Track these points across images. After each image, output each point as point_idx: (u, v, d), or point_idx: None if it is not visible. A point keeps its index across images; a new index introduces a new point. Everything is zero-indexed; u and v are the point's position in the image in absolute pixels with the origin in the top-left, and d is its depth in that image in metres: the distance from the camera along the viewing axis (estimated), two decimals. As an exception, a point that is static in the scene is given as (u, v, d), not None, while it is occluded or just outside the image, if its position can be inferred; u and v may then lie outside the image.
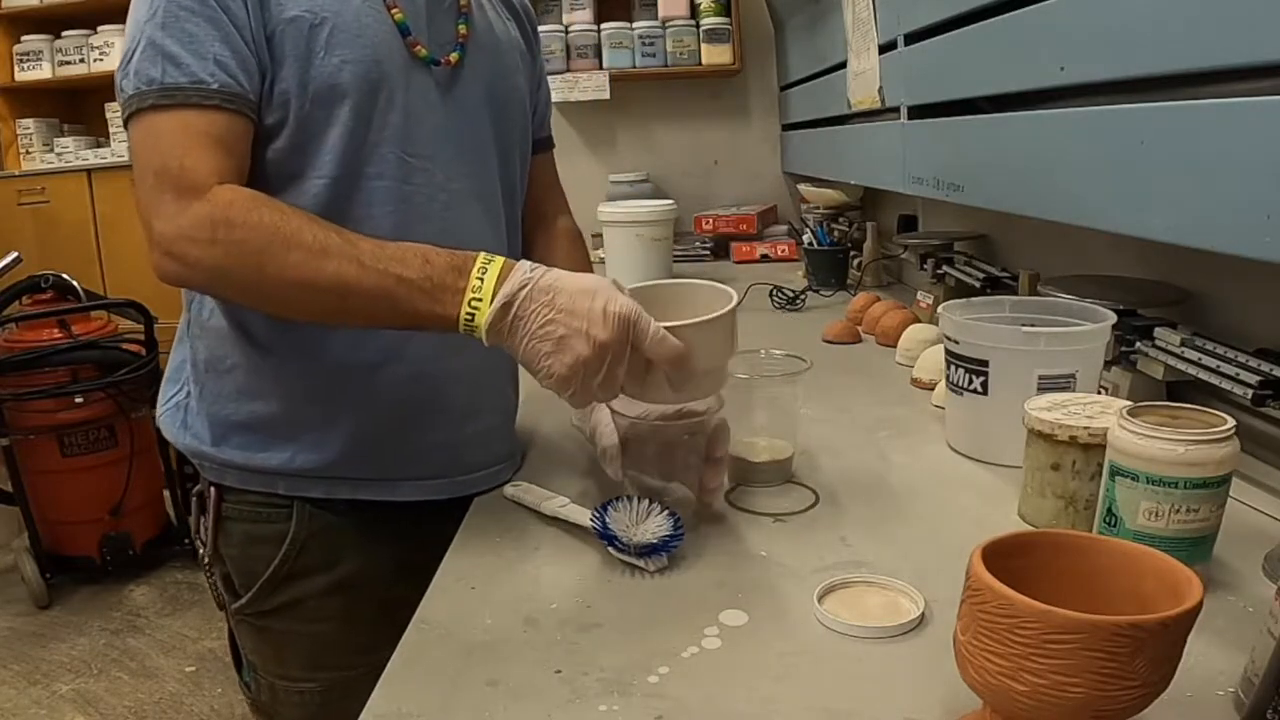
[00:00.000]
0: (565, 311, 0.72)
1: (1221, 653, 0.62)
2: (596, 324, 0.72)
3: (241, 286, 0.79)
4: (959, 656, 0.51)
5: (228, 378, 0.92)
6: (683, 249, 2.58)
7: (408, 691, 0.62)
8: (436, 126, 0.92)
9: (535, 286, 0.73)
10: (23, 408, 2.63)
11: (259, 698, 1.02)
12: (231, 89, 0.80)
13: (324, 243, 0.75)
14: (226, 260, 0.76)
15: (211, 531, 0.97)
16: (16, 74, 3.39)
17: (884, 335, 1.55)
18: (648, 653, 0.65)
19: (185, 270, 0.78)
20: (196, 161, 0.77)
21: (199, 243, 0.76)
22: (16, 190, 3.32)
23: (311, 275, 0.75)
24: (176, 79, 0.78)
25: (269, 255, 0.75)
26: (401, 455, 0.95)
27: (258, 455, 0.93)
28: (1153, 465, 0.66)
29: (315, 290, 0.76)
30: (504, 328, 0.74)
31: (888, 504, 0.90)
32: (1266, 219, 0.64)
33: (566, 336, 0.72)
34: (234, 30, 0.80)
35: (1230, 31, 0.68)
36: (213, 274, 0.78)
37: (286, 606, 0.96)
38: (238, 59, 0.80)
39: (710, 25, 2.71)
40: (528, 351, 0.74)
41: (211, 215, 0.76)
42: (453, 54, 0.94)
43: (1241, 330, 0.98)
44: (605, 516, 0.79)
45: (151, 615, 2.67)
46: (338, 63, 0.84)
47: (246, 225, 0.75)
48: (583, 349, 0.71)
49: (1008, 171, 1.10)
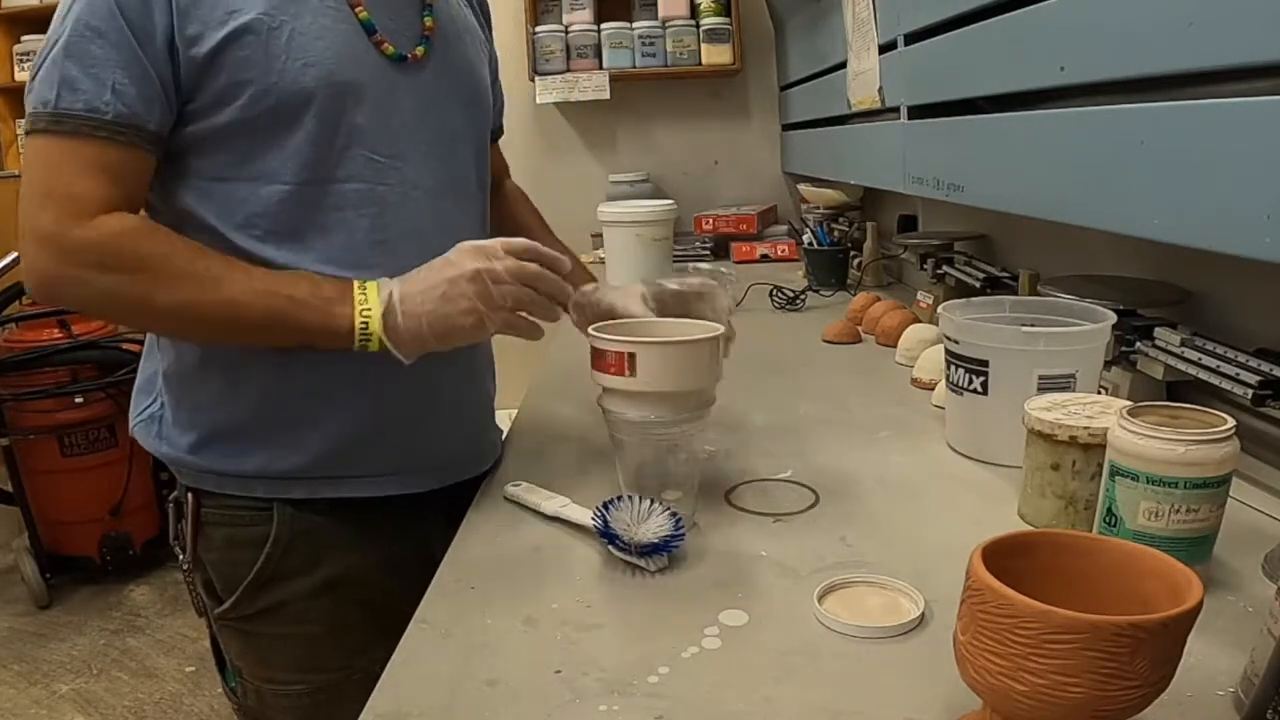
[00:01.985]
0: (433, 271, 0.84)
1: (1221, 653, 0.62)
2: (457, 264, 0.83)
3: (128, 313, 0.83)
4: (959, 656, 0.51)
5: (202, 387, 0.91)
6: (683, 249, 2.58)
7: (408, 691, 0.62)
8: (406, 124, 0.91)
9: (405, 279, 0.84)
10: (23, 408, 2.63)
11: (246, 702, 1.00)
12: (125, 119, 0.78)
13: (215, 272, 0.80)
14: (116, 288, 0.79)
15: (191, 537, 0.96)
16: (16, 74, 3.39)
17: (884, 335, 1.55)
18: (648, 653, 0.65)
19: (69, 296, 0.80)
20: (85, 189, 0.78)
21: (86, 270, 0.78)
22: (16, 190, 3.32)
23: (203, 301, 0.79)
24: (71, 105, 0.77)
25: (159, 285, 0.78)
26: (381, 452, 0.94)
27: (234, 460, 0.92)
28: (1153, 465, 0.66)
29: (206, 317, 0.81)
30: (396, 321, 0.82)
31: (888, 504, 0.90)
32: (1266, 219, 0.64)
33: (448, 283, 0.82)
34: (141, 55, 0.78)
35: (1230, 31, 0.68)
36: (100, 300, 0.80)
37: (271, 609, 0.95)
38: (140, 86, 0.78)
39: (710, 25, 2.71)
40: (431, 319, 0.82)
41: (99, 243, 0.77)
42: (419, 48, 0.93)
43: (1241, 330, 0.98)
44: (606, 515, 0.79)
45: (151, 615, 2.67)
46: (300, 67, 0.83)
47: (136, 256, 0.78)
48: (465, 285, 0.81)
49: (1008, 171, 1.10)
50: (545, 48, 2.72)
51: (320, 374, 0.90)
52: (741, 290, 1.99)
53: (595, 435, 1.09)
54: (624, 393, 0.83)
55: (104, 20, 0.77)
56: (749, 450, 1.06)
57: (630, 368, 0.81)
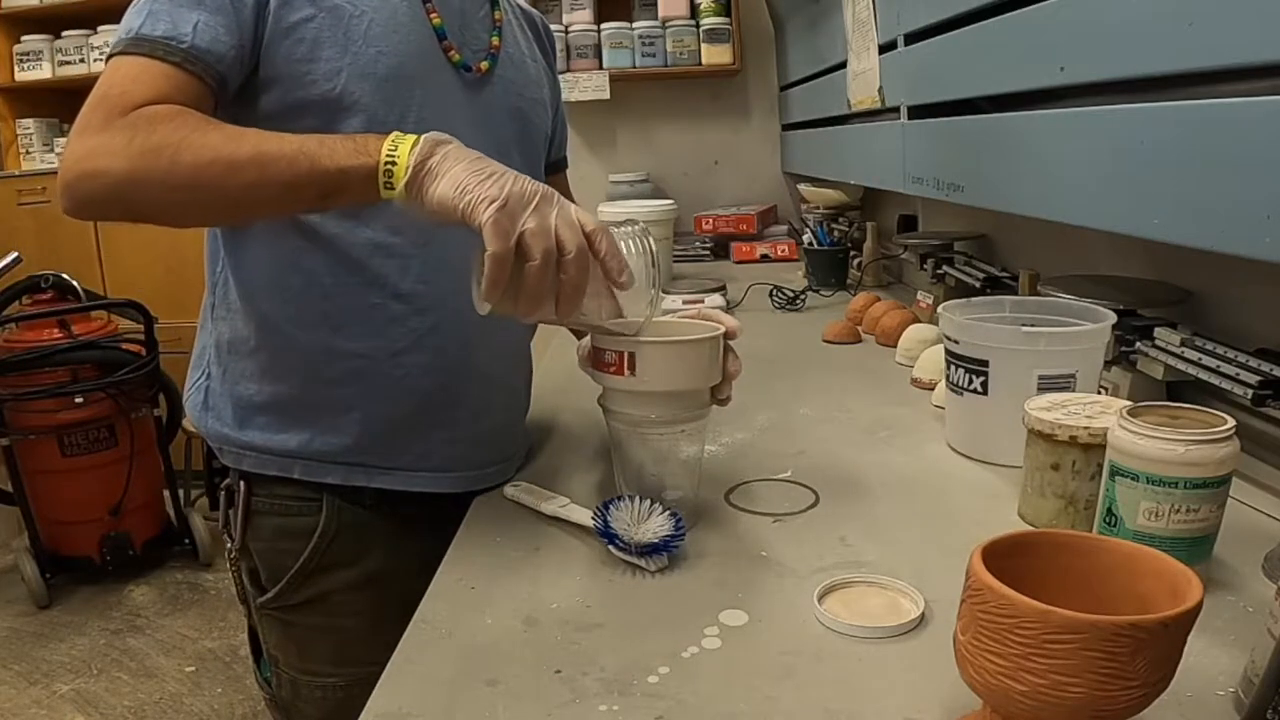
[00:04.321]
0: (492, 163, 0.73)
1: (1221, 653, 0.62)
2: (517, 178, 0.72)
3: (154, 180, 0.76)
4: (959, 656, 0.51)
5: (249, 359, 0.94)
6: (683, 249, 2.58)
7: (408, 691, 0.62)
8: (460, 130, 0.92)
9: (456, 144, 0.74)
10: (23, 408, 2.63)
11: (279, 693, 1.02)
12: (199, 52, 0.80)
13: (241, 130, 0.77)
14: (140, 161, 0.75)
15: (240, 525, 0.98)
16: (16, 74, 3.39)
17: (884, 335, 1.55)
18: (648, 653, 0.65)
19: (97, 175, 0.76)
20: (141, 96, 0.77)
21: (117, 136, 0.75)
22: (16, 190, 3.32)
23: (230, 151, 0.75)
24: (151, 30, 0.79)
25: (185, 145, 0.75)
26: (417, 445, 0.96)
27: (276, 437, 0.94)
28: (1153, 465, 0.66)
29: (234, 168, 0.74)
30: (433, 164, 0.72)
31: (888, 504, 0.90)
32: (1266, 219, 0.64)
33: (496, 173, 0.71)
34: (231, 8, 0.81)
35: (1230, 31, 0.68)
36: (127, 170, 0.75)
37: (313, 600, 0.97)
38: (222, 32, 0.81)
39: (710, 25, 2.71)
40: (459, 176, 0.71)
41: (133, 117, 0.76)
42: (484, 62, 0.97)
43: (1241, 330, 0.98)
44: (606, 515, 0.79)
45: (151, 615, 2.67)
46: (374, 54, 0.86)
47: (167, 116, 0.76)
48: (510, 182, 0.71)
49: (1008, 171, 1.10)
50: (545, 48, 2.72)
51: (364, 359, 0.92)
52: (741, 290, 1.99)
53: (595, 435, 1.09)
54: (624, 392, 0.83)
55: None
56: (749, 450, 1.06)
57: (630, 367, 0.81)
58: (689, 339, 0.83)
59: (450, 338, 0.93)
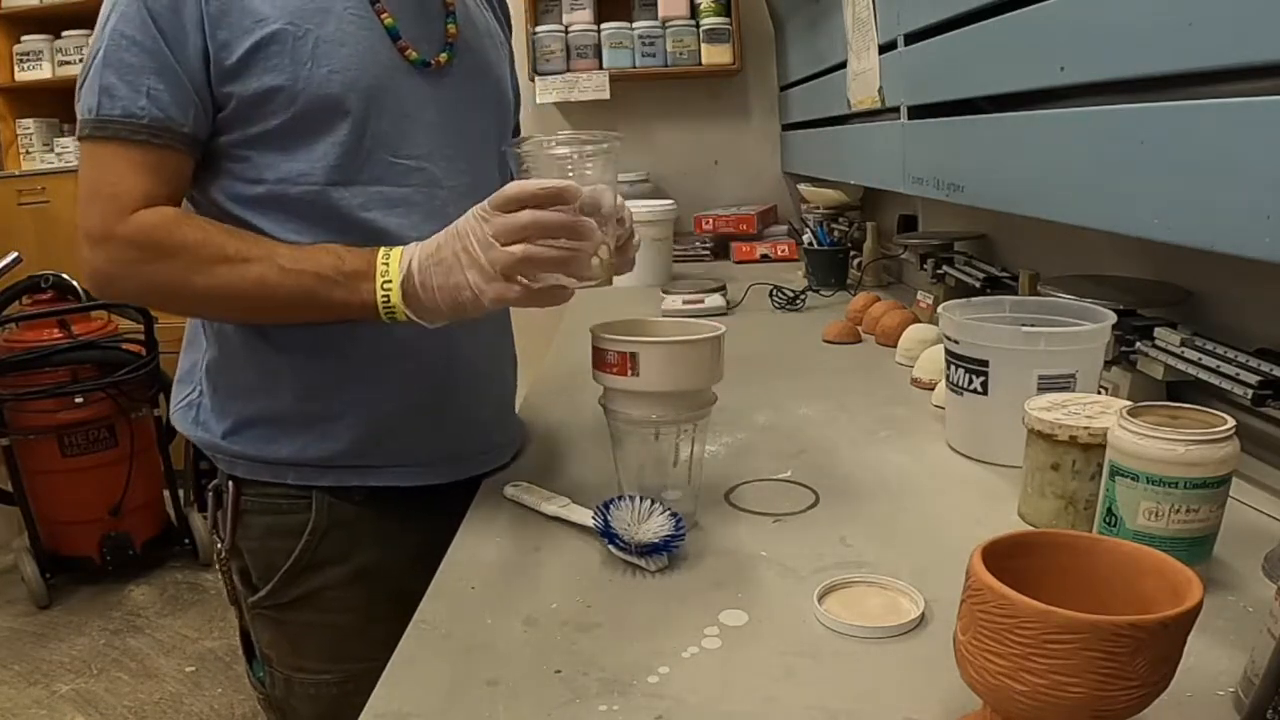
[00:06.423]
0: (446, 238, 0.81)
1: (1221, 653, 0.62)
2: (460, 230, 0.80)
3: (171, 299, 0.88)
4: (959, 656, 0.51)
5: (240, 375, 0.94)
6: (683, 249, 2.58)
7: (408, 691, 0.62)
8: (430, 126, 0.94)
9: (425, 244, 0.82)
10: (23, 408, 2.63)
11: (272, 692, 1.02)
12: (161, 123, 0.83)
13: (245, 253, 0.83)
14: (157, 276, 0.84)
15: (230, 525, 0.98)
16: (16, 74, 3.39)
17: (884, 335, 1.55)
18: (648, 653, 0.65)
19: (119, 289, 0.87)
20: (127, 188, 0.83)
21: (130, 263, 0.84)
22: (16, 190, 3.32)
23: (236, 283, 0.83)
24: (110, 111, 0.82)
25: (194, 270, 0.83)
26: (409, 443, 0.96)
27: (269, 447, 0.94)
28: (1153, 465, 0.66)
29: (241, 296, 0.84)
30: (415, 290, 0.81)
31: (888, 504, 0.90)
32: (1266, 219, 0.64)
33: (452, 254, 0.79)
34: (174, 63, 0.82)
35: (1230, 31, 0.68)
36: (146, 288, 0.86)
37: (306, 598, 0.97)
38: (174, 92, 0.83)
39: (710, 25, 2.71)
40: (440, 292, 0.80)
41: (138, 237, 0.83)
42: (442, 54, 0.96)
43: (1241, 330, 0.98)
44: (607, 515, 0.79)
45: (151, 615, 2.67)
46: (324, 74, 0.85)
47: (171, 244, 0.83)
48: (462, 256, 0.79)
49: (1008, 171, 1.10)
50: (545, 48, 2.72)
51: (351, 367, 0.93)
52: (741, 290, 1.99)
53: (595, 435, 1.09)
54: (626, 392, 0.83)
55: (138, 29, 0.82)
56: (749, 450, 1.06)
57: (632, 368, 0.81)
58: (689, 339, 0.83)
59: (438, 340, 0.92)
